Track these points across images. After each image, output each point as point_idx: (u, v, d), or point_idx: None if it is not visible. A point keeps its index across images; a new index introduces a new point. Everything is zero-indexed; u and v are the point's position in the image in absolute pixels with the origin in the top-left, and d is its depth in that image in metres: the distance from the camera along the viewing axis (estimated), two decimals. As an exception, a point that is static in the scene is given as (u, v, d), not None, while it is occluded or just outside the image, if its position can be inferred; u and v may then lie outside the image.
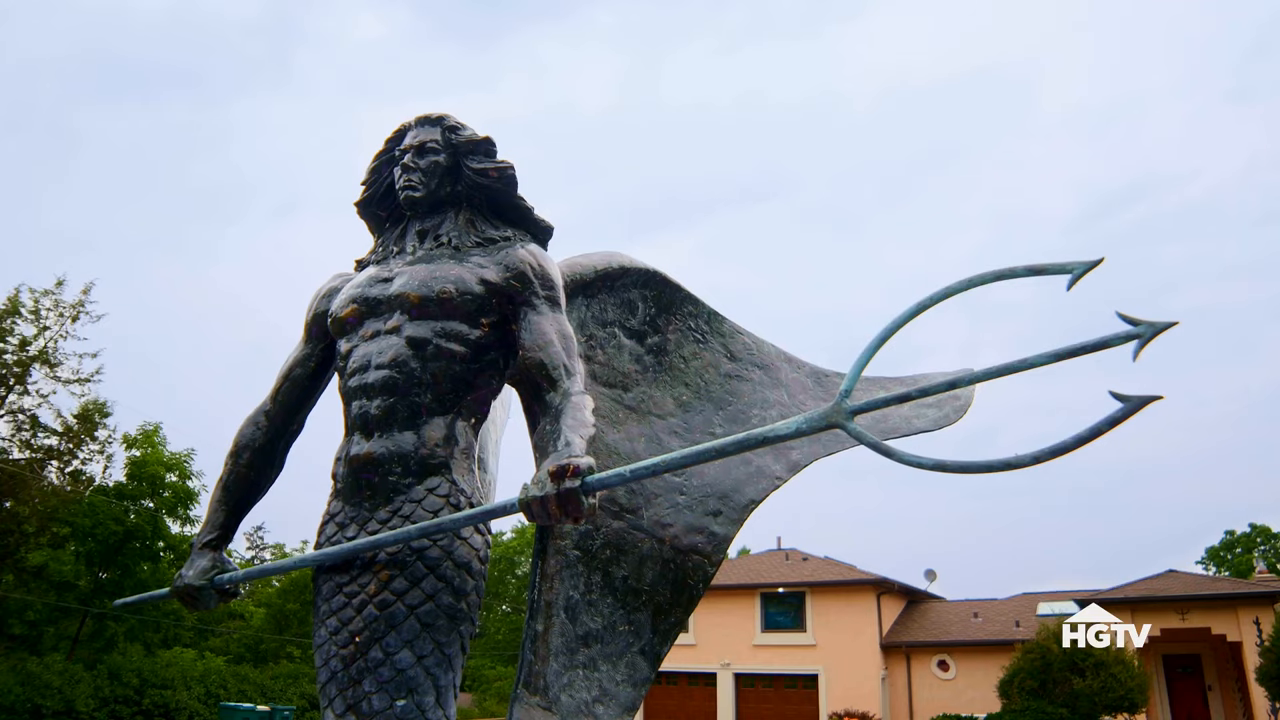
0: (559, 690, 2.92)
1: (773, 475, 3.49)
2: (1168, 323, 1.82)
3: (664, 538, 3.21)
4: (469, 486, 2.79)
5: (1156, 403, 1.77)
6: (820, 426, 2.03)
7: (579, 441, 2.44)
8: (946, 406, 3.88)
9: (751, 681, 30.51)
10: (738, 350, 3.75)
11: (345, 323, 2.96)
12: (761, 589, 30.93)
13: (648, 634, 3.14)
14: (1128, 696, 18.38)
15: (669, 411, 3.46)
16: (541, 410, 2.71)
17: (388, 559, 2.62)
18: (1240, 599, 24.63)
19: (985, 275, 1.98)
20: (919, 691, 29.18)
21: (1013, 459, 1.84)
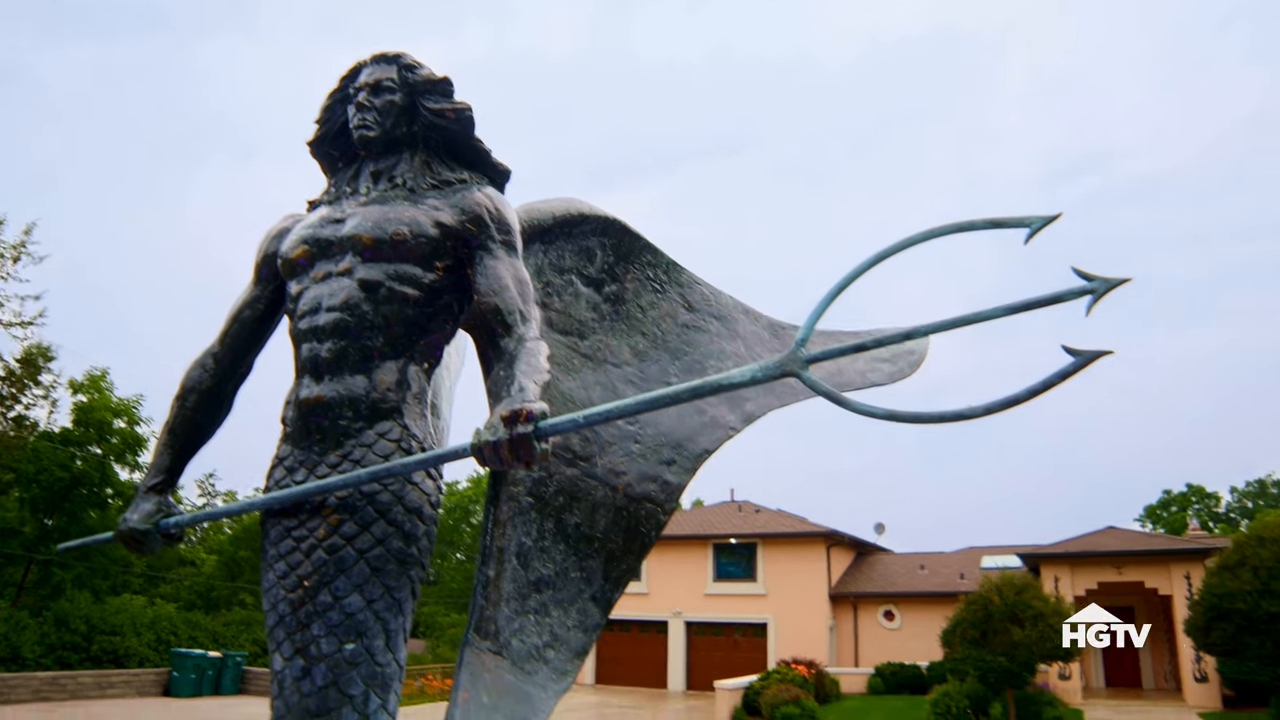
0: (510, 635, 2.93)
1: (727, 425, 3.50)
2: (1121, 279, 1.83)
3: (617, 485, 3.21)
4: (421, 431, 2.76)
5: (1106, 358, 1.79)
6: (775, 375, 2.03)
7: (533, 387, 2.42)
8: (901, 361, 3.92)
9: (702, 629, 31.05)
10: (695, 301, 3.74)
11: (296, 264, 2.90)
12: (714, 539, 31.36)
13: (599, 580, 3.16)
14: (1063, 645, 19.01)
15: (625, 360, 3.45)
16: (496, 356, 2.68)
17: (337, 503, 2.60)
18: (1173, 555, 25.48)
19: (945, 227, 1.98)
20: (865, 640, 29.93)
21: (965, 409, 1.86)
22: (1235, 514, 66.41)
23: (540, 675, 2.99)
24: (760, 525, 31.65)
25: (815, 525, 31.11)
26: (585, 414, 2.18)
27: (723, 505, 36.63)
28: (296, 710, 2.48)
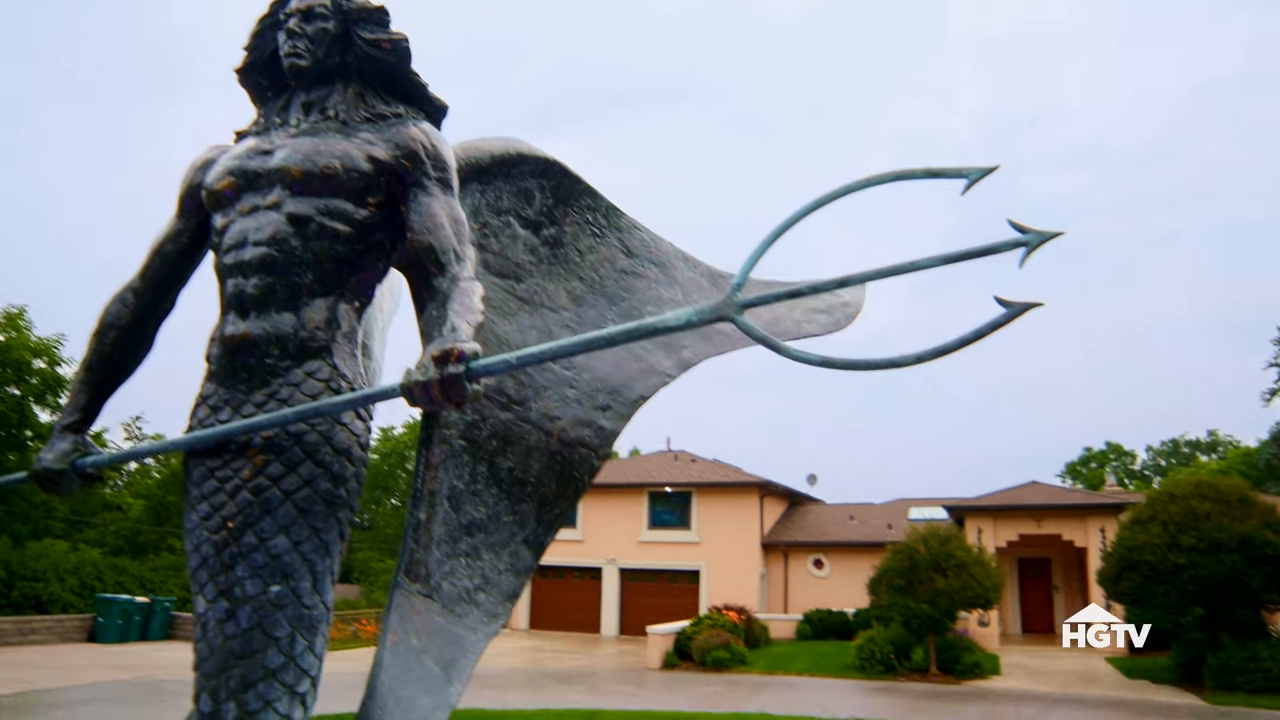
0: (440, 578, 2.91)
1: (663, 372, 3.50)
2: (1054, 232, 1.86)
3: (551, 430, 3.20)
4: (351, 371, 2.71)
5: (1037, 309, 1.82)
6: (710, 319, 2.02)
7: (465, 327, 2.38)
8: (837, 313, 3.95)
9: (636, 576, 31.47)
10: (635, 246, 3.71)
11: (221, 196, 2.79)
12: (650, 488, 31.67)
13: (532, 524, 3.15)
14: (983, 594, 19.72)
15: (562, 305, 3.42)
16: (429, 295, 2.63)
17: (263, 443, 2.54)
18: (1090, 509, 26.49)
19: (884, 175, 1.98)
20: (795, 587, 30.66)
21: (897, 358, 1.87)
22: (1150, 471, 69.16)
23: (471, 618, 2.99)
24: (696, 475, 32.04)
25: (750, 475, 31.59)
26: (518, 355, 2.15)
27: (659, 454, 36.95)
28: (220, 653, 2.44)
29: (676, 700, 16.69)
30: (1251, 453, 60.35)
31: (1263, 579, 17.47)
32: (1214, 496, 18.79)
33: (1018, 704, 16.50)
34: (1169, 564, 18.16)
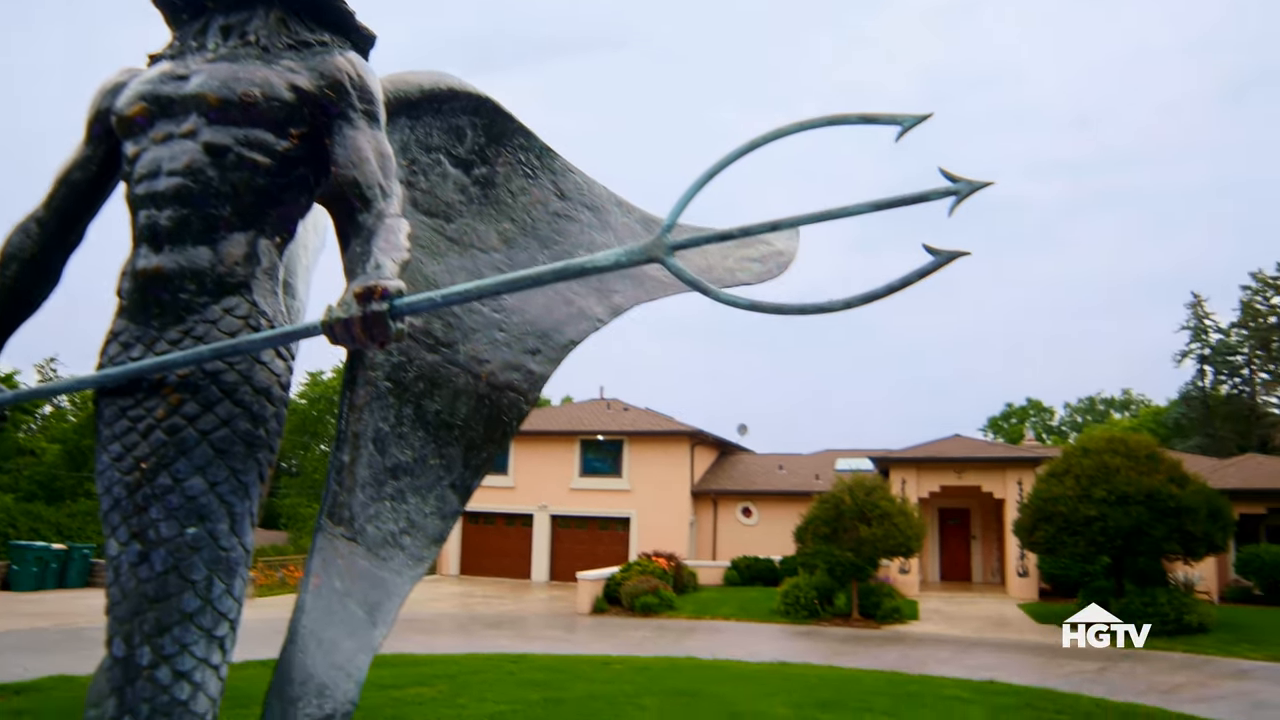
0: (365, 521, 2.88)
1: (594, 317, 3.47)
2: (984, 182, 1.86)
3: (480, 373, 3.15)
4: (271, 309, 2.62)
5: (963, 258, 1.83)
6: (640, 259, 2.00)
7: (390, 265, 2.32)
8: (770, 262, 3.95)
9: (567, 523, 31.67)
10: (568, 189, 3.65)
11: (132, 122, 2.66)
12: (582, 436, 31.77)
13: (459, 468, 3.12)
14: (905, 543, 20.33)
15: (493, 246, 3.35)
16: (353, 232, 2.55)
17: (178, 382, 2.45)
18: (1009, 462, 27.37)
19: (817, 120, 1.96)
20: (723, 535, 31.18)
21: (825, 303, 1.88)
22: (1067, 427, 71.65)
23: (396, 561, 2.96)
24: (628, 423, 32.21)
25: (681, 425, 31.87)
26: (443, 293, 2.10)
27: (591, 402, 37.03)
28: (134, 596, 2.38)
29: (605, 644, 16.94)
30: (1161, 411, 63.00)
31: (1165, 530, 18.31)
32: (1124, 452, 19.56)
33: (934, 647, 17.11)
34: (1080, 515, 18.92)
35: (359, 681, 2.74)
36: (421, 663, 13.81)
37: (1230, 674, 14.42)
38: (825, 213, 1.88)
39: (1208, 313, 55.84)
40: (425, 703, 10.67)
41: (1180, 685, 13.44)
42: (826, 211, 1.88)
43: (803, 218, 1.91)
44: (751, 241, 3.92)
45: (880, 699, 11.51)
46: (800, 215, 1.91)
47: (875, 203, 1.82)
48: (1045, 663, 15.40)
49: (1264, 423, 51.04)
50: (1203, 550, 18.85)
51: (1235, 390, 54.28)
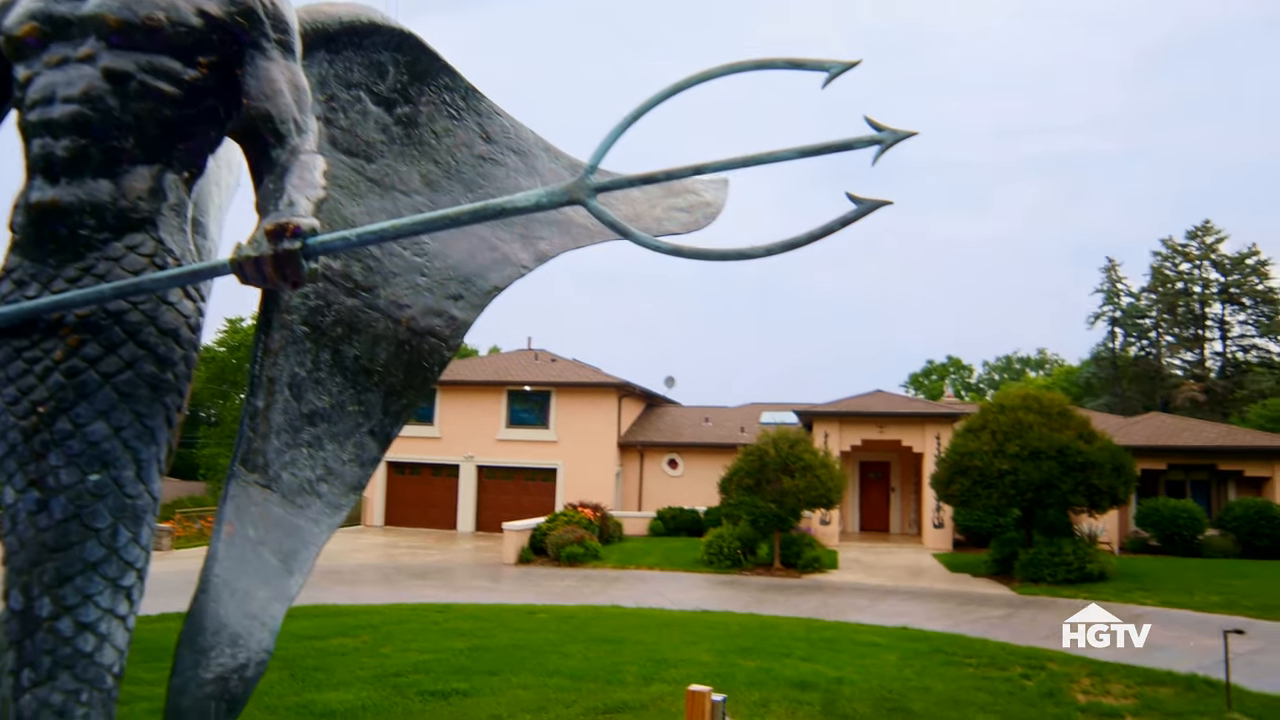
0: (280, 468, 2.81)
1: (518, 264, 3.41)
2: (908, 131, 1.86)
3: (400, 319, 3.08)
4: (178, 247, 2.51)
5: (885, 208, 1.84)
6: (561, 201, 1.96)
7: (304, 202, 2.22)
8: (698, 212, 3.93)
9: (494, 473, 31.61)
10: (494, 132, 3.56)
11: (22, 44, 2.49)
12: (509, 386, 31.61)
13: (378, 415, 3.06)
14: (827, 495, 20.81)
15: (415, 189, 3.26)
16: (266, 168, 2.44)
17: (77, 322, 2.34)
18: (928, 418, 28.11)
19: (744, 63, 1.94)
20: (649, 486, 31.49)
21: (747, 249, 1.87)
22: (984, 385, 73.75)
23: (312, 509, 2.90)
24: (555, 374, 32.13)
25: (608, 376, 31.92)
26: (358, 232, 2.03)
27: (519, 352, 36.85)
28: (32, 546, 2.29)
29: (530, 594, 17.04)
30: (1074, 371, 65.31)
31: (1072, 484, 19.07)
32: (1038, 409, 20.23)
33: (852, 595, 17.62)
34: (994, 469, 19.57)
35: (274, 630, 2.69)
36: (344, 613, 13.73)
37: (1125, 619, 15.14)
38: (751, 157, 1.87)
39: (1120, 277, 57.82)
40: (348, 653, 10.63)
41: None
42: (752, 156, 1.86)
43: (728, 162, 1.89)
44: (679, 191, 3.89)
45: (799, 645, 11.83)
46: (726, 159, 1.89)
47: (801, 149, 1.81)
48: (956, 610, 15.99)
49: (1168, 383, 53.27)
50: (1106, 503, 19.69)
51: (1143, 352, 56.47)
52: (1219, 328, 53.81)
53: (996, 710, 8.58)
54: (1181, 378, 53.47)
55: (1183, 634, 13.72)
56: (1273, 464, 27.06)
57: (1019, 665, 10.78)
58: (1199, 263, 53.84)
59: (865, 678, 9.78)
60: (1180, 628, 14.31)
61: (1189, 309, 54.07)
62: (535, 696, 8.61)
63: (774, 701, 8.55)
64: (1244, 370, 51.68)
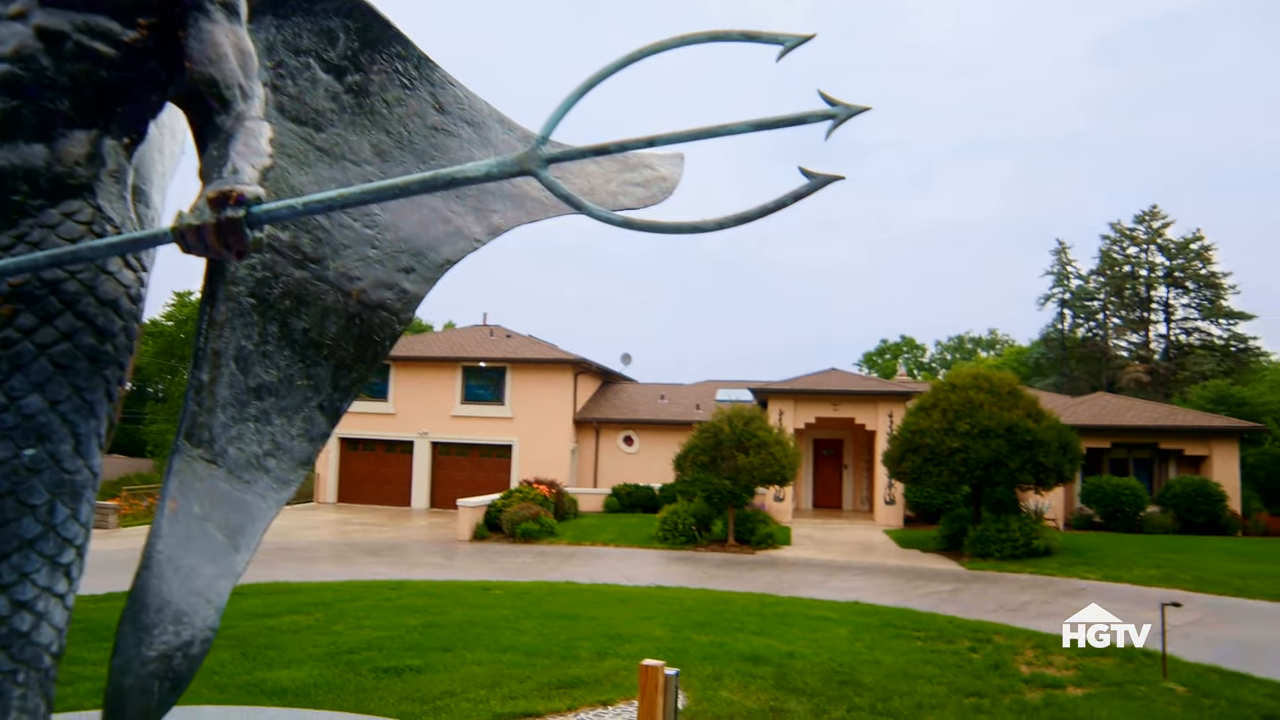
0: (226, 443, 2.75)
1: (471, 237, 3.36)
2: (862, 106, 1.86)
3: (350, 291, 3.03)
4: (118, 215, 2.43)
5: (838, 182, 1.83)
6: (512, 171, 1.93)
7: (249, 170, 2.16)
8: (654, 187, 3.91)
9: (448, 450, 31.45)
10: (447, 102, 3.50)
11: None
12: (464, 362, 31.41)
13: (328, 389, 3.01)
14: (781, 472, 21.01)
15: (366, 159, 3.20)
16: (211, 135, 2.37)
17: (11, 291, 2.26)
18: (881, 396, 28.46)
19: (699, 35, 1.92)
20: (605, 463, 31.54)
21: (699, 222, 1.86)
22: (937, 364, 74.85)
23: (260, 484, 2.85)
24: (511, 350, 31.98)
25: (565, 353, 31.85)
26: (305, 200, 1.98)
27: (474, 328, 36.62)
28: None
29: (485, 570, 17.01)
30: (1024, 351, 66.47)
31: (1020, 462, 19.45)
32: (988, 388, 20.57)
33: (805, 571, 17.84)
34: (945, 447, 19.89)
35: (219, 608, 2.65)
36: (297, 591, 13.61)
37: (1069, 592, 15.54)
38: (704, 130, 1.85)
39: (1070, 260, 58.84)
40: (300, 630, 10.54)
41: (1026, 603, 14.42)
42: (706, 129, 1.85)
43: (682, 134, 1.87)
44: (635, 166, 3.86)
45: (752, 619, 11.95)
46: (678, 132, 1.87)
47: (754, 122, 1.80)
48: (906, 584, 16.27)
49: (1114, 364, 54.45)
50: (1053, 481, 20.12)
51: (1090, 333, 57.61)
52: (1163, 311, 55.04)
53: (944, 682, 8.76)
54: (1127, 359, 54.67)
55: (1124, 607, 14.08)
56: (1211, 443, 27.83)
57: (966, 638, 11.00)
58: (1146, 247, 54.96)
59: (817, 651, 9.92)
60: (1121, 601, 14.70)
61: (1135, 292, 55.21)
62: (489, 672, 8.62)
63: (727, 675, 8.64)
64: (1186, 352, 52.95)
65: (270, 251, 2.84)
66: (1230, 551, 21.42)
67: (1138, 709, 8.04)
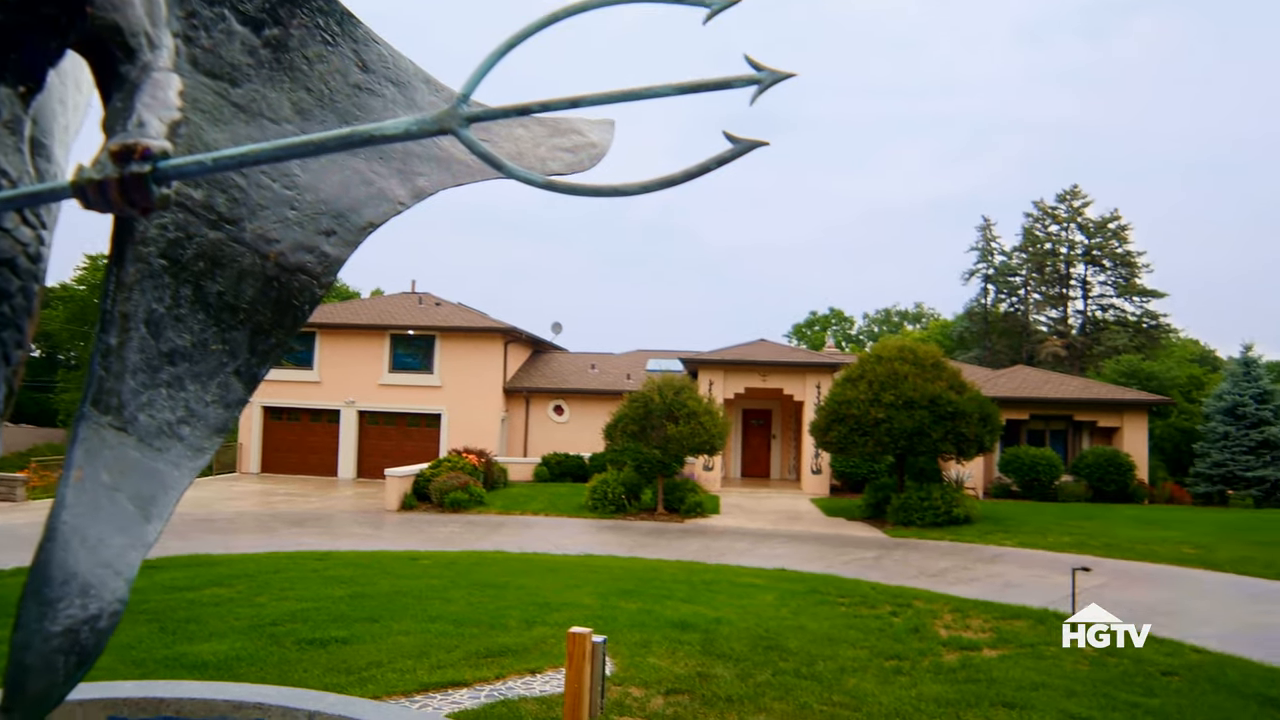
0: (136, 410, 2.64)
1: (395, 199, 3.28)
2: (788, 72, 1.85)
3: (268, 254, 2.93)
4: (14, 168, 2.30)
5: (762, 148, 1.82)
6: (431, 130, 1.87)
7: (156, 123, 2.06)
8: (582, 152, 3.86)
9: (376, 419, 31.00)
10: (371, 60, 3.39)
11: None
12: (392, 330, 30.92)
13: (244, 354, 2.91)
14: (710, 441, 21.20)
15: (285, 117, 3.08)
16: (115, 86, 2.26)
17: None
18: (810, 367, 28.86)
19: (627, -7, 1.88)
20: (535, 432, 31.45)
21: (621, 185, 1.83)
22: (864, 336, 76.14)
23: (173, 452, 2.75)
24: (440, 318, 31.56)
25: (495, 321, 31.57)
26: (215, 155, 1.89)
27: (402, 295, 36.05)
28: None
29: (413, 540, 16.87)
30: (948, 325, 68.02)
31: (942, 432, 19.95)
32: (913, 360, 21.00)
33: (733, 539, 18.08)
34: (870, 417, 20.28)
35: (129, 579, 2.56)
36: (218, 563, 13.33)
37: (987, 559, 16.05)
38: (630, 92, 1.82)
39: (995, 236, 60.26)
40: (222, 603, 10.33)
41: (946, 569, 14.84)
42: (631, 91, 1.82)
43: (606, 95, 1.84)
44: (564, 131, 3.81)
45: (680, 587, 12.08)
46: (604, 93, 1.83)
47: (680, 85, 1.77)
48: (831, 552, 16.61)
49: (1034, 339, 56.09)
50: (973, 451, 20.69)
51: (1012, 308, 59.19)
52: (1081, 287, 56.78)
53: (866, 646, 8.98)
54: (1046, 333, 56.35)
55: (1038, 572, 14.61)
56: (1123, 415, 28.90)
57: (888, 603, 11.29)
58: (1066, 225, 56.54)
59: (743, 617, 10.07)
60: (1036, 566, 15.23)
61: (1055, 269, 56.81)
62: (417, 642, 8.56)
63: (654, 642, 8.73)
64: (1101, 328, 54.79)
65: (182, 211, 2.73)
66: (1137, 519, 22.35)
67: (1048, 667, 8.35)
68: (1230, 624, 11.03)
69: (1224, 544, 17.87)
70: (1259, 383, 29.66)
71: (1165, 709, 7.27)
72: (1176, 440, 31.89)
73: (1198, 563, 15.74)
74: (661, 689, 7.30)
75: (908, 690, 7.53)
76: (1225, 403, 29.51)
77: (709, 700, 7.05)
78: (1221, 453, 28.82)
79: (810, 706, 7.00)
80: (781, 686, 7.48)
